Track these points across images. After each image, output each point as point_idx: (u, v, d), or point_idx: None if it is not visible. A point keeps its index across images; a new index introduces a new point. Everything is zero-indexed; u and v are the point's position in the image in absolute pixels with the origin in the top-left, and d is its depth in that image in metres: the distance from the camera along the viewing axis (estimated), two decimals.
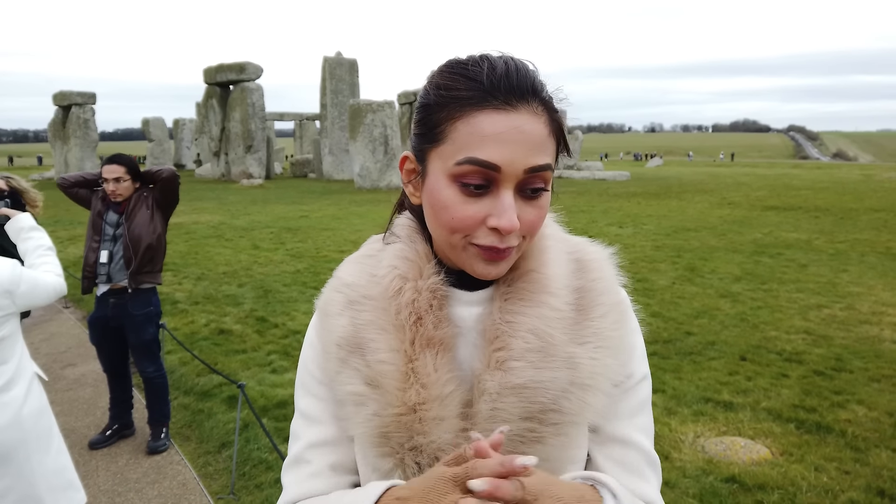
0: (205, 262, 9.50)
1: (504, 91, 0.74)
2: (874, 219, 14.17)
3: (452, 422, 0.77)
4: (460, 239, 0.78)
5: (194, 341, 5.80)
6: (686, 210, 16.29)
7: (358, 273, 0.89)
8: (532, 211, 0.78)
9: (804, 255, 9.91)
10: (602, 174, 29.11)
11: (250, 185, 24.90)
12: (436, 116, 0.78)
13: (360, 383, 0.81)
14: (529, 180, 0.76)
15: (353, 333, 0.84)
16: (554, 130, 0.78)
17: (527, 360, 0.78)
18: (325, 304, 0.90)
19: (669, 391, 4.56)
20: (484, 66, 0.76)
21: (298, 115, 44.76)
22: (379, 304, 0.83)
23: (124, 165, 3.66)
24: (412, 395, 0.78)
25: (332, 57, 28.52)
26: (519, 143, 0.74)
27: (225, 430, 4.06)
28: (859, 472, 3.46)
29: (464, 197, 0.76)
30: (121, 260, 3.72)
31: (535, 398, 0.77)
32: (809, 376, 4.85)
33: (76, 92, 26.35)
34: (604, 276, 0.88)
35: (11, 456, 2.11)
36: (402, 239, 0.88)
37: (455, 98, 0.76)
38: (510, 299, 0.82)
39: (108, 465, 3.70)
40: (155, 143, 39.69)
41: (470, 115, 0.75)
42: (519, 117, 0.74)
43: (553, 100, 0.79)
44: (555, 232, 0.91)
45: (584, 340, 0.81)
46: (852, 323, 6.22)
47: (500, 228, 0.75)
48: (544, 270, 0.84)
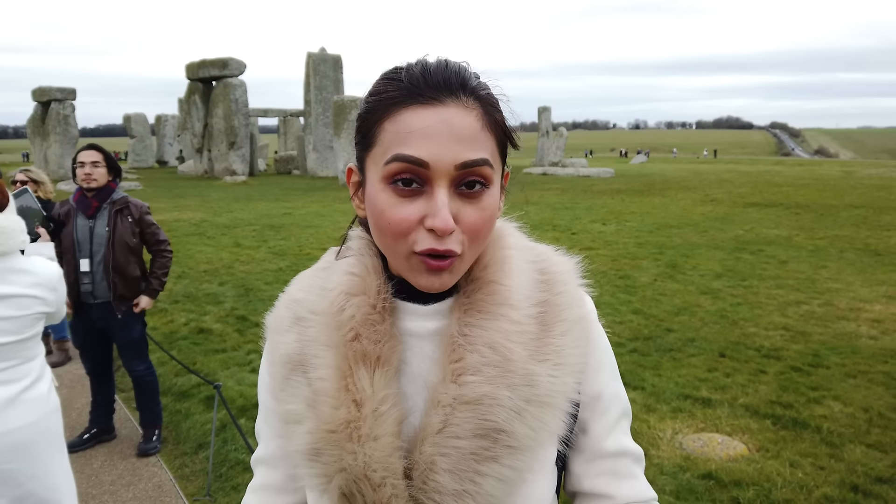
0: (185, 259, 9.41)
1: (430, 87, 0.73)
2: (854, 215, 14.33)
3: (387, 440, 0.75)
4: (403, 248, 0.75)
5: (173, 341, 5.74)
6: (669, 207, 16.40)
7: (309, 287, 0.87)
8: (472, 212, 0.74)
9: (784, 251, 10.00)
10: (586, 171, 29.21)
11: (233, 181, 24.71)
12: (368, 122, 0.77)
13: (300, 402, 0.79)
14: (464, 177, 0.73)
15: (298, 350, 0.82)
16: (489, 124, 0.75)
17: (483, 375, 0.75)
18: (275, 322, 0.88)
19: (649, 388, 4.59)
20: (414, 68, 0.75)
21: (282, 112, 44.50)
22: (325, 320, 0.81)
23: (102, 153, 3.61)
24: (343, 412, 0.76)
25: (315, 53, 28.36)
26: (446, 136, 0.71)
27: (202, 430, 4.02)
28: (834, 467, 3.50)
29: (397, 199, 0.73)
30: (101, 269, 3.62)
31: (490, 415, 0.74)
32: (787, 372, 4.90)
33: (56, 88, 26.03)
34: (568, 290, 0.85)
35: (38, 452, 2.12)
36: (353, 252, 0.86)
37: (382, 100, 0.75)
38: (469, 311, 0.79)
39: (83, 467, 3.65)
40: (137, 139, 39.27)
41: (396, 114, 0.73)
42: (446, 111, 0.72)
43: (489, 95, 0.77)
44: (517, 241, 0.88)
45: (544, 357, 0.78)
46: (830, 319, 6.29)
47: (435, 228, 0.71)
48: (505, 282, 0.81)
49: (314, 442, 0.77)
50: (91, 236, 3.60)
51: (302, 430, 0.78)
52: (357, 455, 0.74)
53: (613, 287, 7.59)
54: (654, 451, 3.68)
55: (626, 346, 5.54)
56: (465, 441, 0.74)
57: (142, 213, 3.71)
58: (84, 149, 3.62)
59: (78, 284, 3.62)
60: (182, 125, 31.21)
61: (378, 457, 0.74)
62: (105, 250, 3.60)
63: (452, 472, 0.73)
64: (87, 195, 3.59)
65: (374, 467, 0.74)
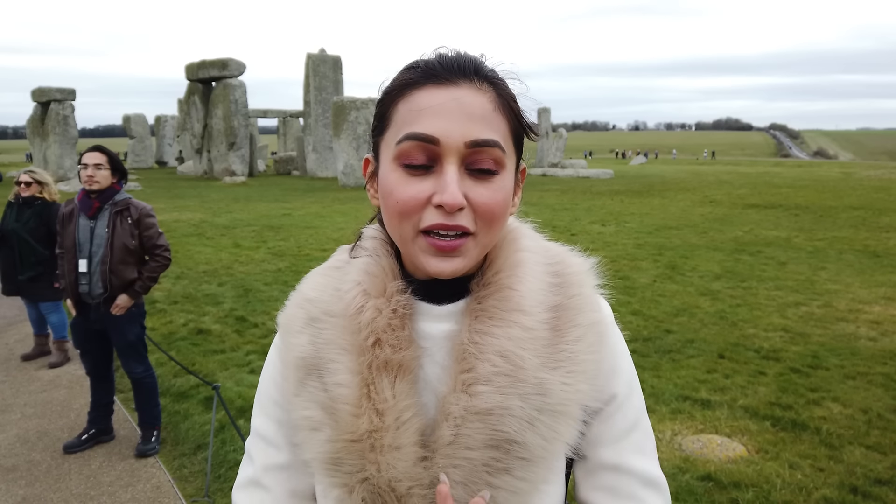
0: (185, 260, 9.40)
1: (444, 69, 0.74)
2: (853, 217, 14.34)
3: (410, 450, 0.73)
4: (410, 228, 0.73)
5: (172, 341, 5.73)
6: (668, 208, 16.40)
7: (322, 287, 0.85)
8: (484, 192, 0.73)
9: (783, 252, 10.01)
10: (586, 172, 29.22)
11: (233, 182, 24.70)
12: (384, 106, 0.78)
13: (316, 408, 0.77)
14: (475, 157, 0.72)
15: (312, 353, 0.79)
16: (502, 107, 0.75)
17: (494, 385, 0.73)
18: (287, 321, 0.86)
19: (648, 389, 4.58)
20: (431, 55, 0.77)
21: (282, 112, 44.47)
22: (340, 322, 0.79)
23: (106, 155, 3.62)
24: (365, 421, 0.73)
25: (315, 54, 28.36)
26: (456, 113, 0.71)
27: (201, 431, 4.01)
28: (833, 469, 3.49)
29: (407, 177, 0.73)
30: (98, 270, 3.61)
31: (501, 425, 0.72)
32: (786, 374, 4.90)
33: (55, 88, 25.99)
34: (583, 293, 0.82)
35: None
36: (368, 252, 0.84)
37: (398, 85, 0.76)
38: (480, 318, 0.77)
39: (81, 468, 3.65)
40: (136, 139, 39.25)
41: (410, 94, 0.74)
42: (458, 90, 0.73)
43: (504, 84, 0.77)
44: (532, 243, 0.85)
45: (557, 365, 0.75)
46: (829, 320, 6.29)
47: (444, 203, 0.70)
48: (518, 287, 0.78)
49: (334, 451, 0.74)
50: (91, 237, 3.61)
51: (321, 438, 0.76)
52: (380, 465, 0.72)
53: (612, 288, 7.47)
54: None
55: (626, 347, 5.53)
56: (477, 452, 0.72)
57: (142, 214, 3.69)
58: (88, 150, 3.63)
59: (77, 284, 3.62)
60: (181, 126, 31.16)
61: (402, 467, 0.72)
62: (103, 251, 3.59)
63: (464, 484, 0.72)
64: (90, 196, 3.61)
65: (399, 478, 0.72)
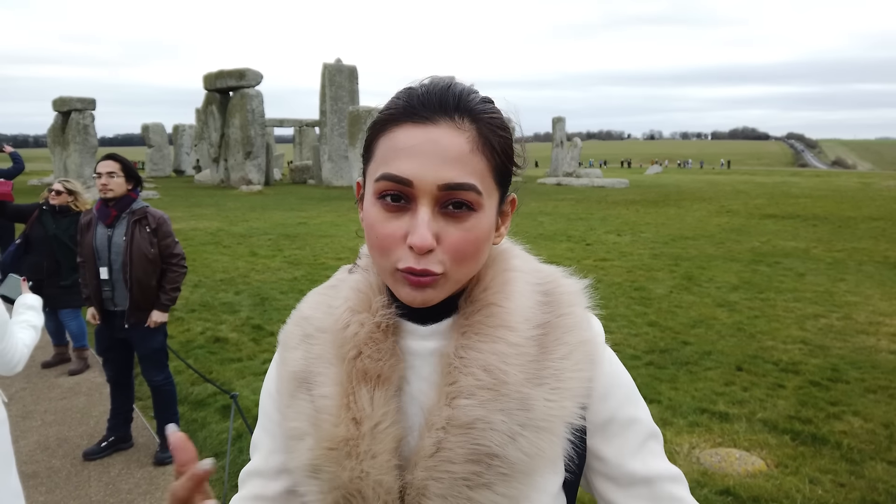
0: (202, 269, 9.49)
1: (424, 106, 0.73)
2: (872, 227, 14.18)
3: (384, 458, 0.75)
4: (388, 263, 0.75)
5: (190, 350, 5.78)
6: (684, 218, 16.31)
7: (317, 305, 0.89)
8: (456, 232, 0.73)
9: (802, 263, 9.91)
10: (601, 181, 29.13)
11: (249, 191, 24.91)
12: (370, 136, 0.78)
13: (303, 419, 0.80)
14: (448, 198, 0.72)
15: (304, 367, 0.83)
16: (483, 147, 0.73)
17: (477, 398, 0.74)
18: (285, 337, 0.89)
19: (665, 402, 4.55)
20: (418, 87, 0.76)
21: (298, 122, 44.80)
22: (329, 338, 0.83)
23: (119, 163, 3.65)
24: (342, 430, 0.76)
25: (331, 63, 28.59)
26: (431, 155, 0.71)
27: (218, 440, 4.04)
28: (854, 484, 3.45)
29: (385, 214, 0.74)
30: (120, 277, 3.65)
31: (483, 439, 0.73)
32: (805, 387, 4.84)
33: (76, 98, 26.36)
34: (573, 312, 0.82)
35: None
36: (361, 269, 0.87)
37: (380, 119, 0.76)
38: (466, 333, 0.78)
39: (101, 475, 3.68)
40: (154, 148, 39.74)
41: (391, 131, 0.74)
42: (436, 130, 0.72)
43: (492, 118, 0.76)
44: (522, 263, 0.86)
45: (542, 381, 0.76)
46: (849, 333, 6.22)
47: (413, 245, 0.71)
48: (505, 304, 0.79)
49: (314, 458, 0.77)
50: (109, 245, 3.65)
51: (304, 447, 0.79)
52: (353, 471, 0.75)
53: (629, 299, 7.55)
54: None
55: (642, 358, 5.50)
56: (458, 466, 0.72)
57: (159, 223, 3.72)
58: (102, 159, 3.67)
59: (99, 291, 3.67)
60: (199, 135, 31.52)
61: (374, 474, 0.74)
62: (123, 259, 3.63)
63: (444, 497, 0.73)
64: (108, 204, 3.65)
65: (371, 484, 0.74)
